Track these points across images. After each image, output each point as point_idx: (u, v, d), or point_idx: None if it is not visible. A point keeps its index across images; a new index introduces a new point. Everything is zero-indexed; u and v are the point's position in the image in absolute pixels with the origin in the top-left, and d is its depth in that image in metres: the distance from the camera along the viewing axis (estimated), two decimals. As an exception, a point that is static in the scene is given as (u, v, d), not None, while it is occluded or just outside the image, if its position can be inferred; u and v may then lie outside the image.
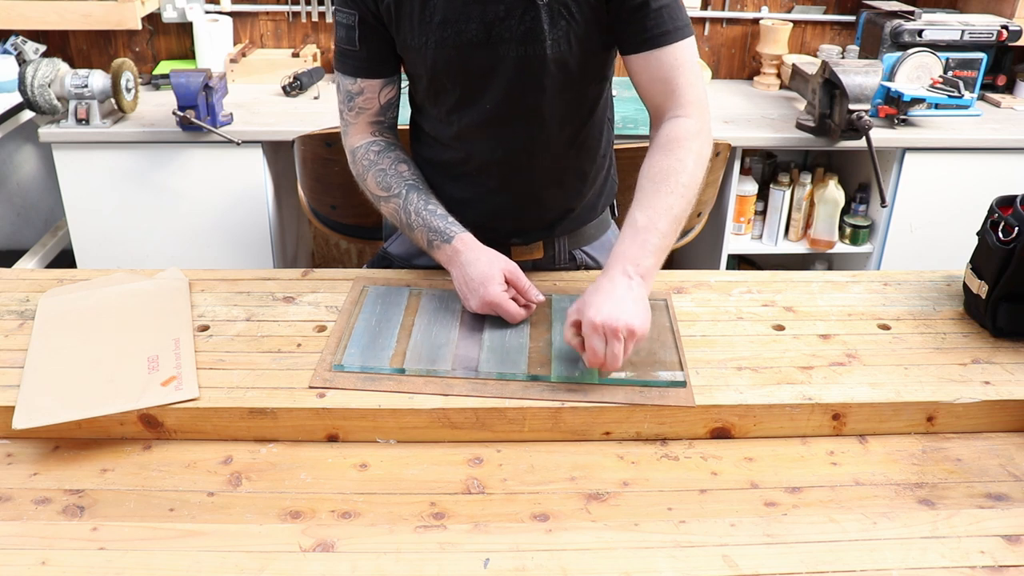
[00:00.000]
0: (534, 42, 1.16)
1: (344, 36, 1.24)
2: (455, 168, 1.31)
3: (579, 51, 1.19)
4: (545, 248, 1.39)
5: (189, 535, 0.88)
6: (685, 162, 1.15)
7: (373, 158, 1.28)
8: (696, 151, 1.17)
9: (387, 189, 1.26)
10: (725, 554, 0.86)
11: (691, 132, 1.18)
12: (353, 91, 1.28)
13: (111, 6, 2.42)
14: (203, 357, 1.11)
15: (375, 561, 0.85)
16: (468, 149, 1.28)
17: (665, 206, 1.12)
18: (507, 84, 1.20)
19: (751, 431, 1.05)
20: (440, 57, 1.19)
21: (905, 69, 2.46)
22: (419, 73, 1.25)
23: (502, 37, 1.16)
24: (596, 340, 1.02)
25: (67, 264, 2.61)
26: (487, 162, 1.28)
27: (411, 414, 1.02)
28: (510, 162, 1.28)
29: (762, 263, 3.09)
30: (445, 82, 1.23)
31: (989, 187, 2.33)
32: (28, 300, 1.25)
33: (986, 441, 1.06)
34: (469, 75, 1.20)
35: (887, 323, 1.23)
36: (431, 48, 1.18)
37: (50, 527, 0.89)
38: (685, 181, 1.14)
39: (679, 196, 1.13)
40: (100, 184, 2.37)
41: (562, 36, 1.17)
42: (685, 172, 1.15)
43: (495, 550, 0.86)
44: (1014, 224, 1.14)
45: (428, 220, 1.22)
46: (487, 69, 1.19)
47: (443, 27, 1.17)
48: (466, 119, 1.25)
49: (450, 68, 1.20)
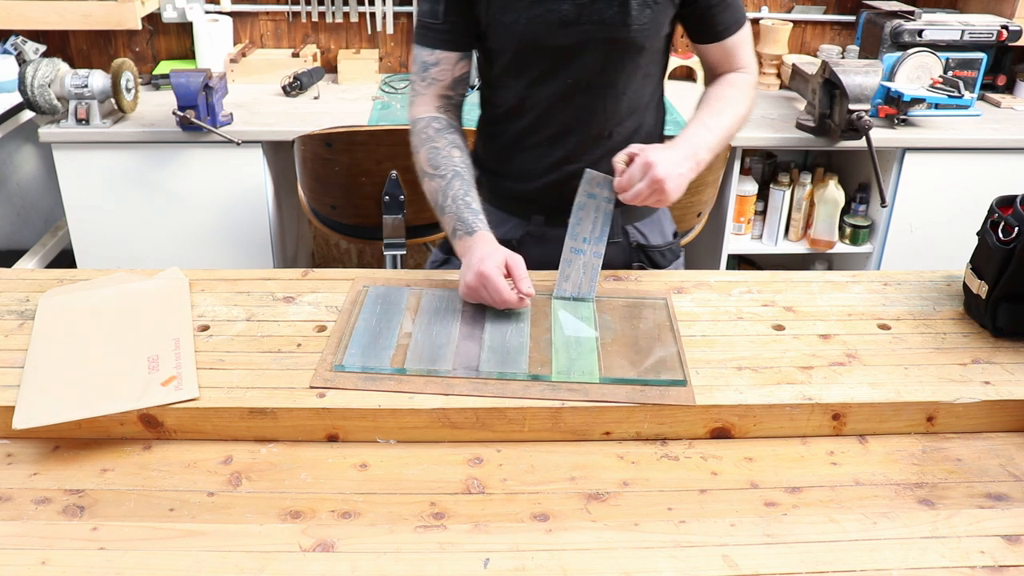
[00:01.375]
0: (621, 26, 1.26)
1: (428, 10, 1.31)
2: (525, 139, 1.39)
3: (656, 38, 1.31)
4: None
5: (189, 535, 0.88)
6: (744, 99, 1.37)
7: (431, 134, 1.33)
8: (752, 97, 1.39)
9: (435, 168, 1.31)
10: (725, 554, 0.86)
11: (751, 82, 1.40)
12: (429, 61, 1.34)
13: (111, 6, 2.42)
14: (203, 357, 1.11)
15: (375, 561, 0.85)
16: (542, 121, 1.36)
17: (726, 119, 1.32)
18: (590, 63, 1.29)
19: (751, 431, 1.05)
20: (529, 33, 1.27)
21: (905, 69, 2.46)
22: (504, 48, 1.32)
23: (591, 19, 1.25)
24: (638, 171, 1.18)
25: (67, 264, 2.61)
26: (558, 134, 1.36)
27: (411, 414, 1.02)
28: (580, 135, 1.36)
29: (762, 263, 3.09)
30: (530, 57, 1.30)
31: (989, 187, 2.34)
32: (28, 300, 1.25)
33: (986, 441, 1.06)
34: (555, 52, 1.29)
35: (887, 323, 1.23)
36: (522, 24, 1.26)
37: (50, 527, 0.89)
38: (741, 112, 1.35)
39: (735, 117, 1.34)
40: (100, 184, 2.37)
41: (647, 23, 1.27)
42: (742, 105, 1.36)
43: (495, 550, 0.86)
44: (1014, 224, 1.14)
45: (460, 210, 1.27)
46: (573, 48, 1.28)
47: (536, 5, 1.25)
48: (545, 92, 1.33)
49: (538, 44, 1.28)
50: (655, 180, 1.16)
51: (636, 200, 1.19)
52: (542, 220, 1.43)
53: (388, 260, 2.25)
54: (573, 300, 1.24)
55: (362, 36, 2.93)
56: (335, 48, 2.92)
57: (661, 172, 1.17)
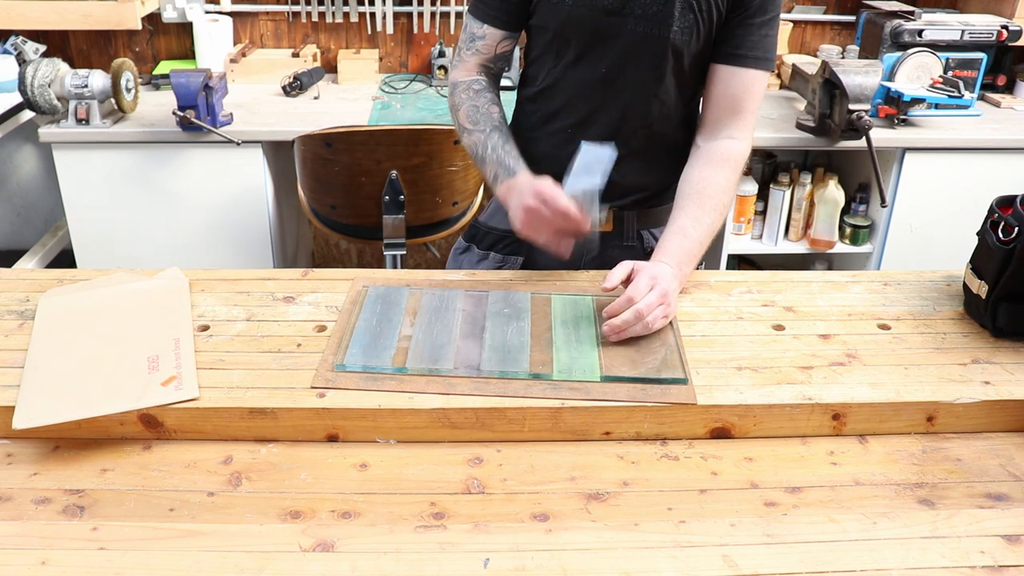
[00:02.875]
0: (661, 24, 1.27)
1: None
2: (553, 122, 1.40)
3: (696, 46, 1.31)
4: (615, 221, 1.45)
5: (189, 535, 0.88)
6: (731, 183, 1.32)
7: (472, 95, 1.38)
8: (739, 174, 1.34)
9: (475, 123, 1.35)
10: (725, 554, 0.86)
11: (742, 157, 1.35)
12: (477, 34, 1.39)
13: (111, 6, 2.42)
14: (203, 357, 1.11)
15: (375, 561, 0.85)
16: (571, 104, 1.37)
17: (709, 221, 1.27)
18: (626, 55, 1.30)
19: (751, 431, 1.05)
20: (573, 15, 1.29)
21: (905, 69, 2.46)
22: (547, 26, 1.34)
23: (634, 12, 1.27)
24: (645, 285, 1.14)
25: (67, 264, 2.61)
26: (584, 121, 1.37)
27: (411, 414, 1.02)
28: (605, 126, 1.36)
29: (762, 263, 3.09)
30: (570, 39, 1.32)
31: (989, 187, 2.34)
32: (28, 300, 1.25)
33: (986, 441, 1.06)
34: (594, 38, 1.30)
35: (887, 323, 1.23)
36: (568, 5, 1.29)
37: (50, 527, 0.89)
38: (727, 202, 1.32)
39: (720, 213, 1.30)
40: (100, 184, 2.37)
41: (688, 27, 1.28)
42: (729, 193, 1.32)
43: (495, 550, 0.86)
44: (1014, 224, 1.14)
45: (502, 157, 1.30)
46: (612, 36, 1.30)
47: None
48: (577, 76, 1.34)
49: (579, 28, 1.30)
50: (664, 293, 1.14)
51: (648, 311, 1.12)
52: None
53: (388, 260, 2.25)
54: (573, 299, 1.24)
55: (362, 36, 2.93)
56: (335, 48, 2.93)
57: (666, 285, 1.15)
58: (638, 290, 1.13)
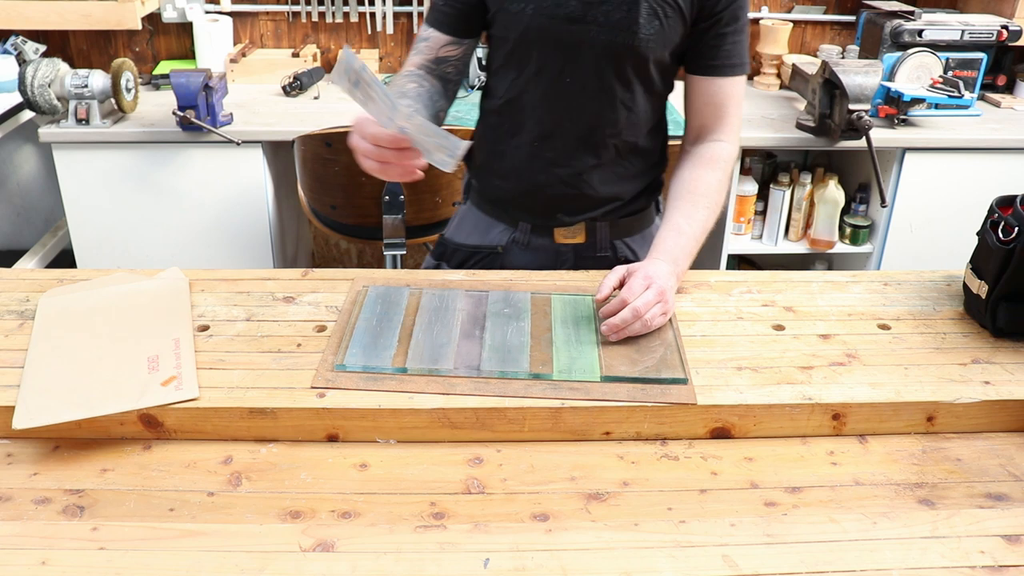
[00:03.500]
0: (625, 32, 1.24)
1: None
2: (517, 135, 1.37)
3: (661, 54, 1.28)
4: (587, 233, 1.43)
5: (189, 535, 0.88)
6: (723, 183, 1.33)
7: (398, 77, 1.33)
8: (730, 176, 1.35)
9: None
10: (725, 554, 0.86)
11: (730, 158, 1.35)
12: (422, 36, 1.37)
13: (111, 6, 2.42)
14: (203, 357, 1.11)
15: (375, 561, 0.85)
16: (535, 117, 1.34)
17: (702, 218, 1.28)
18: (589, 64, 1.27)
19: (751, 431, 1.05)
20: (534, 25, 1.26)
21: (905, 69, 2.46)
22: (507, 36, 1.31)
23: (597, 19, 1.24)
24: (639, 285, 1.13)
25: (67, 264, 2.61)
26: (549, 133, 1.34)
27: (411, 414, 1.02)
28: (571, 138, 1.34)
29: (762, 263, 3.09)
30: (531, 50, 1.29)
31: (989, 187, 2.34)
32: (28, 300, 1.25)
33: (986, 441, 1.06)
34: (556, 47, 1.27)
35: (887, 323, 1.23)
36: (528, 14, 1.25)
37: (50, 527, 0.89)
38: (718, 200, 1.32)
39: (713, 211, 1.30)
40: (100, 184, 2.37)
41: (653, 35, 1.25)
42: (721, 193, 1.32)
43: (495, 550, 0.86)
44: (1014, 224, 1.14)
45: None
46: (575, 45, 1.26)
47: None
48: (541, 87, 1.31)
49: (540, 37, 1.27)
50: (661, 291, 1.14)
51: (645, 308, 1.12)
52: (528, 228, 1.43)
53: (388, 260, 2.25)
54: (573, 299, 1.24)
55: (362, 36, 2.93)
56: (335, 48, 2.92)
57: (663, 283, 1.15)
58: (632, 291, 1.13)
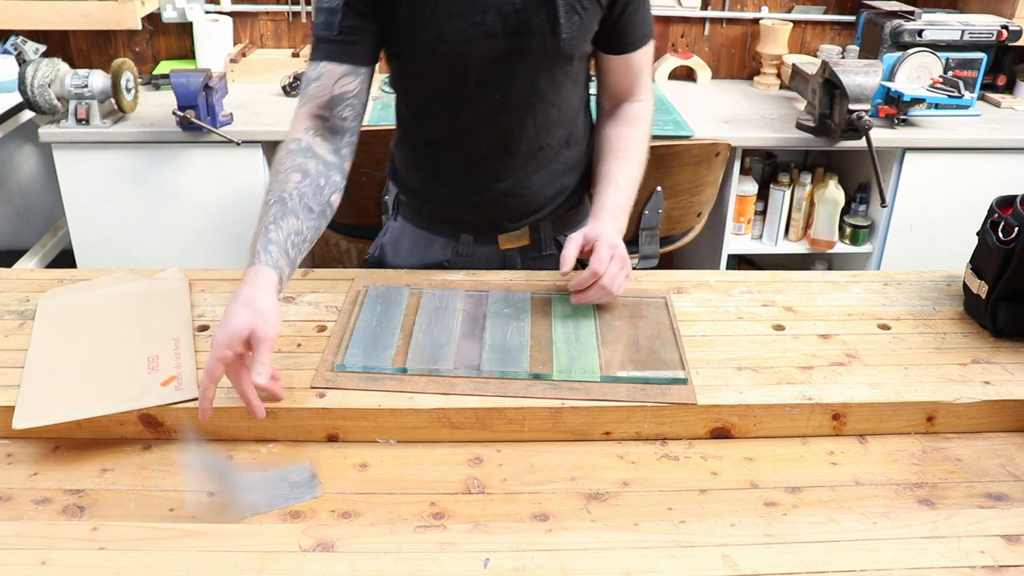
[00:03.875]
0: (549, 36, 1.19)
1: (323, 22, 1.18)
2: (453, 164, 1.34)
3: (584, 46, 1.25)
4: (531, 234, 1.41)
5: (189, 535, 0.88)
6: (647, 138, 1.35)
7: (283, 156, 1.16)
8: (650, 130, 1.37)
9: (267, 192, 1.12)
10: (725, 554, 0.86)
11: (649, 114, 1.37)
12: (312, 76, 1.19)
13: (111, 6, 2.42)
14: (203, 357, 1.11)
15: (375, 561, 0.85)
16: (471, 143, 1.30)
17: (636, 175, 1.30)
18: (518, 76, 1.23)
19: (751, 431, 1.05)
20: (454, 50, 1.19)
21: (905, 69, 2.46)
22: (425, 68, 1.24)
23: (519, 29, 1.18)
24: (606, 254, 1.14)
25: (67, 264, 2.61)
26: (488, 155, 1.31)
27: (411, 414, 1.02)
28: (511, 153, 1.31)
29: (762, 263, 3.09)
30: (456, 76, 1.23)
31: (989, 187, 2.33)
32: (28, 300, 1.25)
33: (986, 441, 1.06)
34: (482, 68, 1.21)
35: (887, 323, 1.23)
36: (444, 41, 1.18)
37: (50, 527, 0.89)
38: (645, 155, 1.33)
39: (642, 167, 1.32)
40: (100, 184, 2.37)
41: (575, 30, 1.21)
42: (645, 147, 1.34)
43: (495, 550, 0.86)
44: (1014, 224, 1.14)
45: (257, 238, 1.05)
46: (501, 62, 1.21)
47: (457, 19, 1.16)
48: (473, 113, 1.26)
49: (463, 61, 1.21)
50: (623, 258, 1.16)
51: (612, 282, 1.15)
52: (471, 239, 1.40)
53: (388, 260, 2.25)
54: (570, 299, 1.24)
55: (362, 36, 2.92)
56: (335, 48, 2.92)
57: (623, 250, 1.17)
58: (601, 262, 1.14)
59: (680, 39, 2.92)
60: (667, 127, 2.38)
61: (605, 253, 1.14)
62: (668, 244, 2.38)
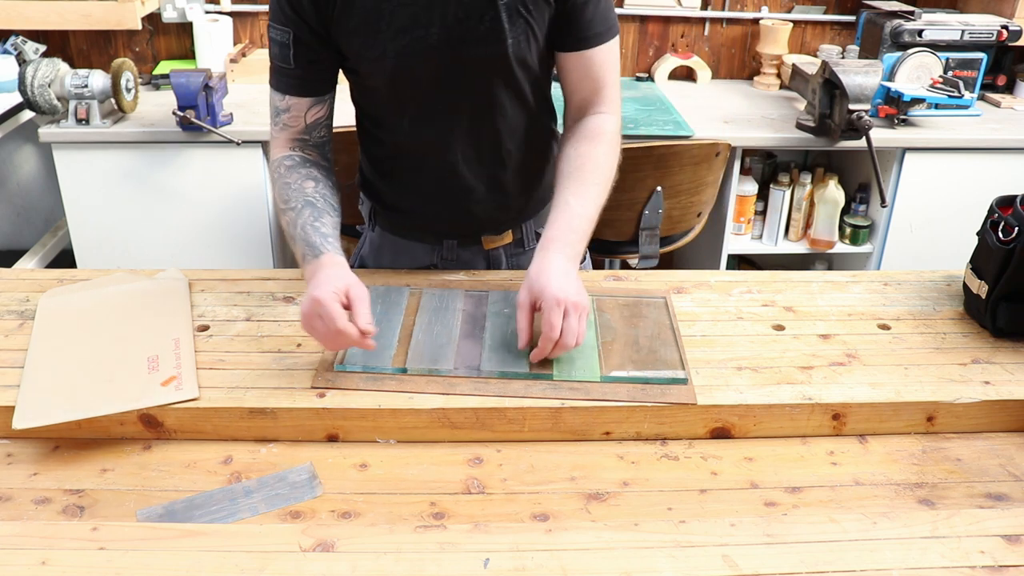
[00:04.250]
0: (496, 42, 1.16)
1: (278, 53, 1.22)
2: (421, 178, 1.32)
3: (536, 49, 1.21)
4: (514, 232, 1.41)
5: (189, 535, 0.88)
6: (609, 156, 1.24)
7: (283, 172, 1.23)
8: (617, 147, 1.27)
9: (286, 202, 1.20)
10: (725, 554, 0.86)
11: (614, 129, 1.27)
12: (280, 107, 1.26)
13: (111, 6, 2.42)
14: (203, 357, 1.11)
15: (375, 561, 0.85)
16: (438, 153, 1.28)
17: (594, 195, 1.19)
18: (471, 86, 1.21)
19: (751, 431, 1.05)
20: (401, 65, 1.17)
21: (905, 69, 2.46)
22: (377, 84, 1.23)
23: (464, 39, 1.16)
24: (556, 315, 1.05)
25: (67, 264, 2.61)
26: (457, 162, 1.28)
27: (411, 414, 1.02)
28: (479, 160, 1.29)
29: (762, 263, 3.09)
30: (407, 90, 1.21)
31: (989, 187, 2.34)
32: (28, 300, 1.25)
33: (986, 441, 1.06)
34: (433, 82, 1.20)
35: (887, 323, 1.23)
36: (390, 57, 1.16)
37: (50, 527, 0.89)
38: (608, 174, 1.23)
39: (603, 187, 1.21)
40: (100, 184, 2.37)
41: (521, 34, 1.17)
42: (608, 165, 1.23)
43: (495, 550, 0.86)
44: (1014, 224, 1.14)
45: (309, 235, 1.14)
46: (450, 73, 1.19)
47: (402, 34, 1.15)
48: (433, 125, 1.25)
49: (411, 76, 1.19)
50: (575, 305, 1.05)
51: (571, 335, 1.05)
52: (455, 244, 1.39)
53: (388, 260, 2.25)
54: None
55: (362, 36, 2.92)
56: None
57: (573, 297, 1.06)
58: (552, 327, 1.04)
59: (680, 39, 2.92)
60: (667, 127, 2.38)
61: (555, 317, 1.04)
62: (668, 244, 2.38)
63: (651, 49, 2.93)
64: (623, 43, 2.90)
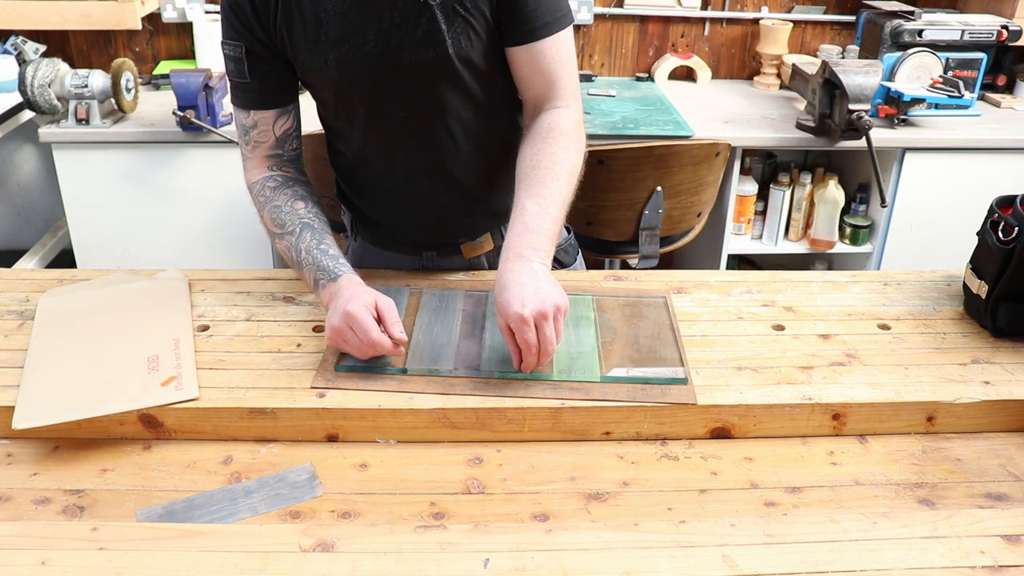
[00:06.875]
0: (435, 44, 1.15)
1: (233, 69, 1.21)
2: (385, 184, 1.31)
3: (481, 46, 1.18)
4: (494, 238, 1.39)
5: (189, 535, 0.88)
6: (568, 150, 1.18)
7: (269, 194, 1.23)
8: (578, 140, 1.21)
9: (281, 226, 1.20)
10: (725, 554, 0.86)
11: (573, 123, 1.21)
12: (247, 124, 1.24)
13: (111, 6, 2.42)
14: (203, 357, 1.11)
15: (375, 561, 0.85)
16: (393, 161, 1.27)
17: (553, 192, 1.14)
18: (416, 90, 1.19)
19: (751, 431, 1.05)
20: (343, 74, 1.17)
21: (905, 69, 2.46)
22: (325, 95, 1.23)
23: (402, 43, 1.15)
24: (528, 332, 1.02)
25: (67, 264, 2.61)
26: (416, 170, 1.27)
27: (411, 414, 1.02)
28: (439, 166, 1.27)
29: (762, 263, 3.09)
30: (353, 99, 1.21)
31: (989, 187, 2.33)
32: (28, 300, 1.25)
33: (986, 441, 1.06)
34: (376, 87, 1.19)
35: (887, 323, 1.23)
36: (332, 66, 1.16)
37: (50, 527, 0.89)
38: (569, 168, 1.17)
39: (565, 183, 1.16)
40: (100, 184, 2.37)
41: (461, 33, 1.15)
42: (568, 160, 1.18)
43: (495, 550, 0.86)
44: (1014, 224, 1.14)
45: (318, 259, 1.15)
46: (392, 78, 1.18)
47: (340, 43, 1.15)
48: (384, 132, 1.24)
49: (355, 83, 1.18)
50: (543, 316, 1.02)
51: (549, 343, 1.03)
52: (434, 254, 1.38)
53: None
54: (573, 299, 1.24)
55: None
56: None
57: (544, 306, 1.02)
58: (528, 345, 1.02)
59: (680, 39, 2.92)
60: (667, 127, 2.38)
61: (527, 335, 1.02)
62: (668, 244, 2.38)
63: (651, 49, 2.93)
64: (623, 43, 2.91)
